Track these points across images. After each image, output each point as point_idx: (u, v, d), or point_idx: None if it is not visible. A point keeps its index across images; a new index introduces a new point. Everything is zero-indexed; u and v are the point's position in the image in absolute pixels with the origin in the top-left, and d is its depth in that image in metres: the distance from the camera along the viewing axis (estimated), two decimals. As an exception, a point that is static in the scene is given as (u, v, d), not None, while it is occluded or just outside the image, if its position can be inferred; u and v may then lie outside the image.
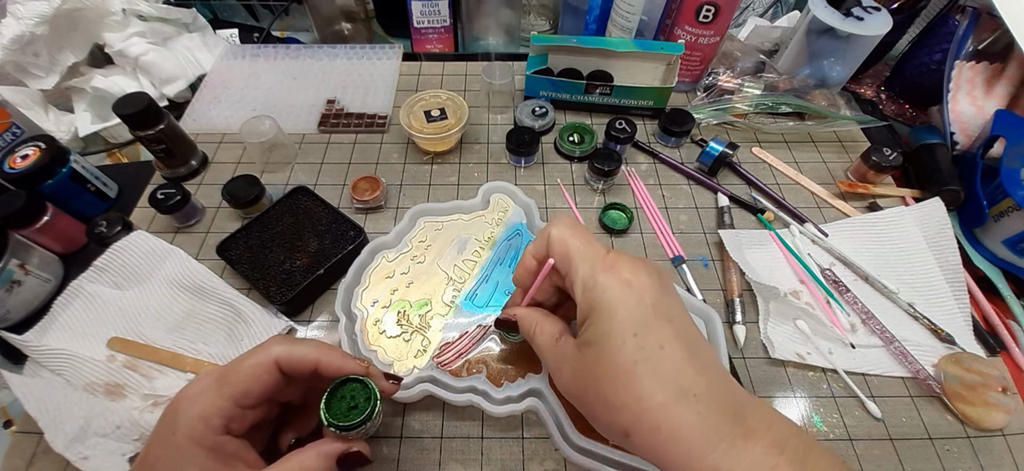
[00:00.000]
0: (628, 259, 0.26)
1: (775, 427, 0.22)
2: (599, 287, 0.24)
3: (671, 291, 0.26)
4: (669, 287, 0.26)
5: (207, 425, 0.24)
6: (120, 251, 0.42)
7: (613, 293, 0.24)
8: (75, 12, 0.54)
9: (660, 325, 0.23)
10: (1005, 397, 0.38)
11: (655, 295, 0.24)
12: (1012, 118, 0.50)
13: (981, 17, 0.54)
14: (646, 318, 0.23)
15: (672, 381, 0.22)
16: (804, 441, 0.22)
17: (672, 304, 0.25)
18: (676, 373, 0.22)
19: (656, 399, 0.22)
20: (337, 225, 0.46)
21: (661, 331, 0.23)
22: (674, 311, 0.24)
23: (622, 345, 0.23)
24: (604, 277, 0.25)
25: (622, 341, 0.23)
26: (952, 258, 0.45)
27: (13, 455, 0.36)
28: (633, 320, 0.23)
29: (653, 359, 0.22)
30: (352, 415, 0.28)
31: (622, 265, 0.25)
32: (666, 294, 0.25)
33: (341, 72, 0.65)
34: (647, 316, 0.23)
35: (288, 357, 0.26)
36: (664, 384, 0.22)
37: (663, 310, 0.24)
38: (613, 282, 0.24)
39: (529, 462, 0.36)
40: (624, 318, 0.23)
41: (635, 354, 0.23)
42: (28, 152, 0.44)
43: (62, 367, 0.38)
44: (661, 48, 0.56)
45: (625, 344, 0.23)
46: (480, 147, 0.57)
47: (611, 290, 0.24)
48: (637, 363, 0.23)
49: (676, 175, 0.55)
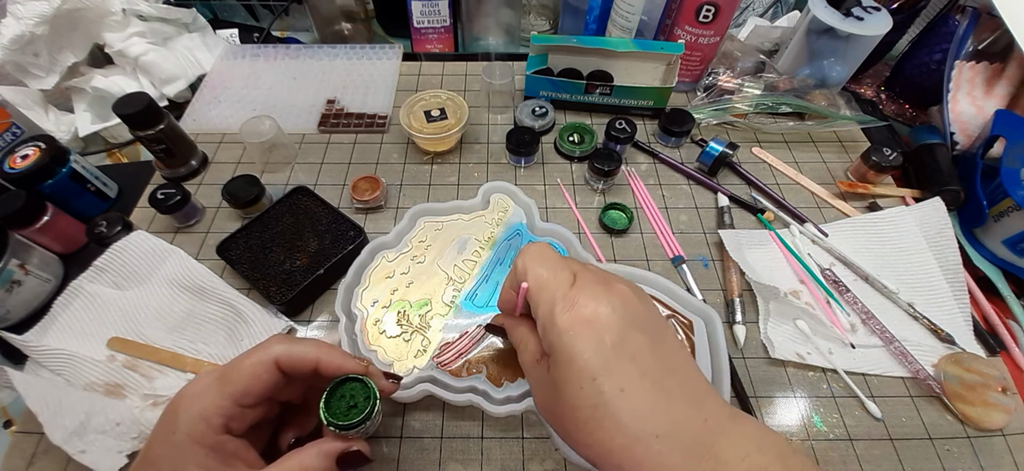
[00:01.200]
0: (592, 289, 0.24)
1: (752, 456, 0.21)
2: (557, 329, 0.23)
3: (639, 320, 0.24)
4: (637, 316, 0.24)
5: (207, 424, 0.24)
6: (120, 251, 0.42)
7: (570, 336, 0.23)
8: (75, 12, 0.54)
9: (621, 366, 0.22)
10: (1005, 397, 0.38)
11: (617, 333, 0.23)
12: (1012, 118, 0.50)
13: (981, 17, 0.54)
14: (606, 361, 0.22)
15: (632, 424, 0.22)
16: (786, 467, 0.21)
17: (636, 340, 0.23)
18: (636, 415, 0.22)
19: (617, 441, 0.22)
20: (337, 225, 0.46)
21: (621, 373, 0.22)
22: (639, 346, 0.23)
23: (580, 390, 0.23)
24: (563, 318, 0.23)
25: (580, 386, 0.23)
26: (952, 258, 0.45)
27: (13, 455, 0.36)
28: (591, 364, 0.22)
29: (612, 403, 0.22)
30: (352, 414, 0.28)
31: (583, 301, 0.24)
32: (632, 327, 0.23)
33: (341, 72, 0.65)
34: (607, 359, 0.22)
35: (288, 356, 0.27)
36: (623, 428, 0.22)
37: (626, 348, 0.23)
38: (572, 324, 0.23)
39: (529, 462, 0.36)
40: (582, 364, 0.23)
41: (594, 398, 0.22)
42: (28, 152, 0.44)
43: (62, 367, 0.38)
44: (661, 48, 0.56)
45: (583, 389, 0.22)
46: (480, 147, 0.57)
47: (569, 334, 0.23)
48: (596, 407, 0.22)
49: (676, 175, 0.55)
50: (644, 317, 0.25)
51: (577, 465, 0.34)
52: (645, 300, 0.26)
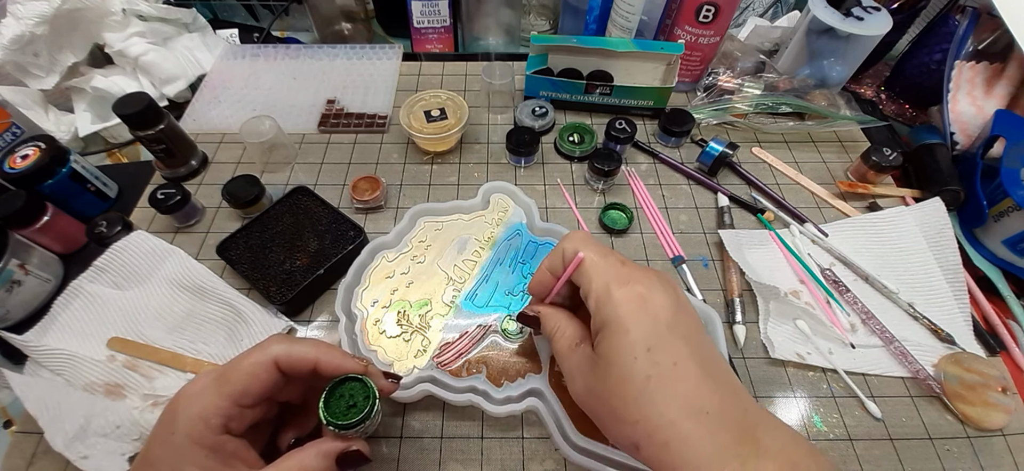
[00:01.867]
0: (644, 273, 0.26)
1: (788, 448, 0.22)
2: (613, 301, 0.24)
3: (687, 308, 0.26)
4: (685, 304, 0.26)
5: (206, 424, 0.24)
6: (120, 251, 0.42)
7: (627, 308, 0.24)
8: (75, 12, 0.54)
9: (674, 342, 0.23)
10: (1005, 397, 0.38)
11: (670, 312, 0.24)
12: (1012, 118, 0.50)
13: (981, 17, 0.54)
14: (660, 334, 0.23)
15: (683, 398, 0.22)
16: (818, 463, 0.22)
17: (688, 322, 0.25)
18: (688, 391, 0.22)
19: (667, 416, 0.22)
20: (337, 225, 0.46)
21: (675, 348, 0.23)
22: (690, 329, 0.24)
23: (634, 361, 0.23)
24: (619, 291, 0.24)
25: (634, 357, 0.23)
26: (952, 258, 0.45)
27: (13, 455, 0.36)
28: (647, 336, 0.23)
29: (666, 376, 0.23)
30: (351, 414, 0.28)
31: (637, 279, 0.25)
32: (682, 311, 0.25)
33: (341, 72, 0.65)
34: (661, 332, 0.23)
35: (287, 356, 0.27)
36: (675, 401, 0.22)
37: (679, 328, 0.24)
38: (628, 297, 0.24)
39: (529, 462, 0.36)
40: (637, 334, 0.23)
41: (648, 370, 0.23)
42: (28, 152, 0.44)
43: (62, 367, 0.38)
44: (661, 48, 0.56)
45: (637, 360, 0.23)
46: (480, 147, 0.57)
47: (625, 305, 0.24)
48: (650, 379, 0.23)
49: (676, 175, 0.55)
50: (688, 306, 0.26)
51: (577, 465, 0.34)
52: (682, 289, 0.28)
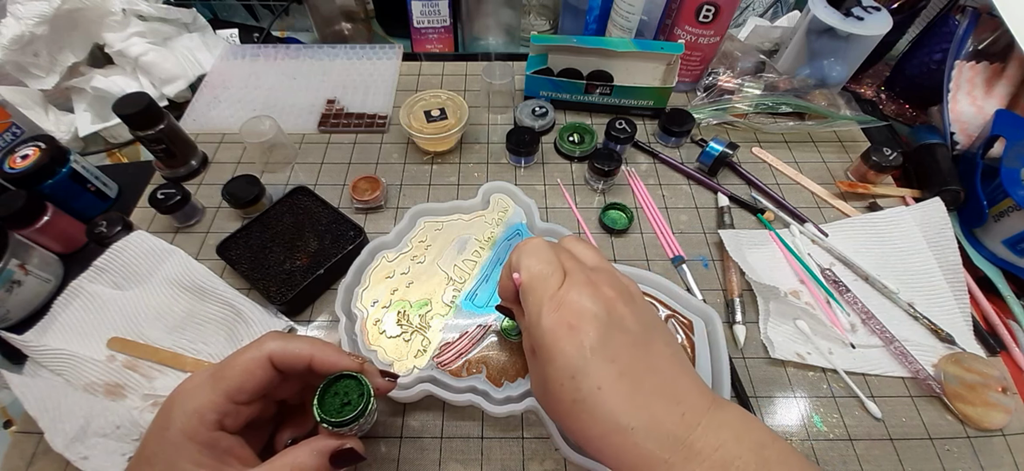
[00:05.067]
0: (577, 292, 0.25)
1: (724, 448, 0.22)
2: (541, 329, 0.25)
3: (623, 322, 0.25)
4: (621, 319, 0.25)
5: (201, 421, 0.25)
6: (120, 251, 0.42)
7: (553, 336, 0.24)
8: (75, 12, 0.54)
9: (599, 367, 0.23)
10: (1005, 397, 0.38)
11: (597, 338, 0.24)
12: (1012, 118, 0.50)
13: (981, 17, 0.54)
14: (584, 361, 0.24)
15: (607, 419, 0.23)
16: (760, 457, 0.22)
17: (618, 341, 0.24)
18: (612, 411, 0.23)
19: (595, 431, 0.24)
20: (337, 225, 0.46)
21: (598, 373, 0.23)
22: (620, 347, 0.24)
23: (561, 387, 0.24)
24: (547, 319, 0.25)
25: (560, 384, 0.24)
26: (952, 258, 0.45)
27: (13, 455, 0.36)
28: (570, 364, 0.24)
29: (588, 400, 0.23)
30: (345, 411, 0.27)
31: (569, 303, 0.25)
32: (615, 329, 0.25)
33: (341, 72, 0.65)
34: (585, 360, 0.24)
35: (282, 353, 0.27)
36: (600, 422, 0.23)
37: (607, 350, 0.24)
38: (554, 325, 0.24)
39: (529, 462, 0.36)
40: (562, 362, 0.24)
41: (573, 394, 0.24)
42: (28, 152, 0.44)
43: (62, 367, 0.38)
44: (661, 48, 0.56)
45: (563, 386, 0.24)
46: (480, 147, 0.57)
47: (551, 334, 0.24)
48: (574, 403, 0.24)
49: (676, 175, 0.55)
50: (627, 320, 0.26)
51: (577, 465, 0.34)
52: (632, 301, 0.27)
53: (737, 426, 0.23)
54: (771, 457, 0.22)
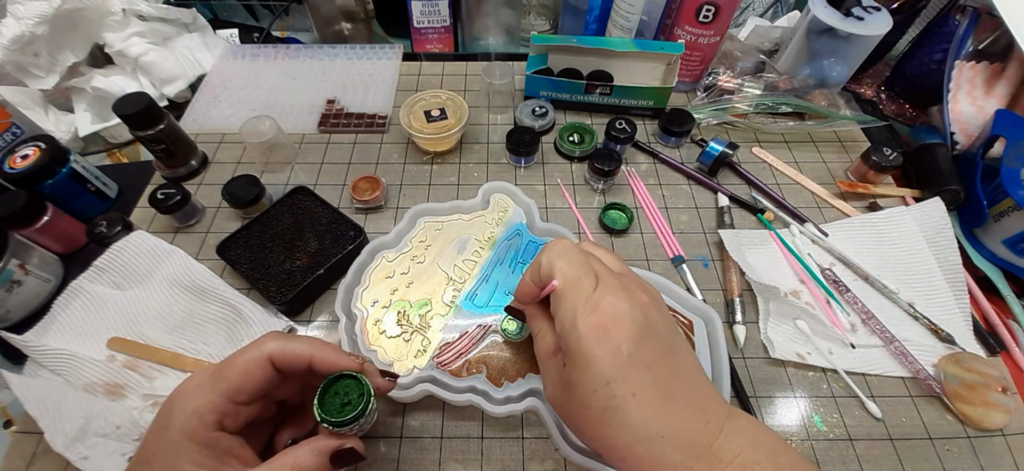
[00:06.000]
0: (613, 296, 0.25)
1: (742, 454, 0.23)
2: (576, 333, 0.24)
3: (655, 329, 0.25)
4: (654, 325, 0.25)
5: (201, 420, 0.25)
6: (120, 251, 0.42)
7: (589, 341, 0.24)
8: (75, 12, 0.54)
9: (635, 374, 0.23)
10: (1005, 397, 0.38)
11: (633, 344, 0.24)
12: (1012, 118, 0.50)
13: (981, 17, 0.54)
14: (620, 368, 0.23)
15: (638, 426, 0.23)
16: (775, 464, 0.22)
17: (652, 349, 0.24)
18: (643, 418, 0.23)
19: (622, 439, 0.23)
20: (337, 225, 0.46)
21: (634, 380, 0.23)
22: (654, 357, 0.24)
23: (594, 393, 0.24)
24: (583, 322, 0.24)
25: (594, 389, 0.24)
26: (952, 258, 0.45)
27: (13, 455, 0.36)
28: (606, 369, 0.23)
29: (622, 408, 0.23)
30: (345, 411, 0.27)
31: (605, 307, 0.24)
32: (648, 336, 0.24)
33: (341, 72, 0.65)
34: (621, 367, 0.23)
35: (282, 353, 0.27)
36: (630, 429, 0.23)
37: (642, 358, 0.24)
38: (591, 329, 0.24)
39: (529, 462, 0.36)
40: (598, 367, 0.24)
41: (606, 402, 0.23)
42: (28, 152, 0.44)
43: (62, 367, 0.38)
44: (661, 48, 0.56)
45: (597, 392, 0.24)
46: (480, 147, 0.57)
47: (587, 339, 0.24)
48: (606, 410, 0.24)
49: (676, 175, 0.55)
50: (660, 326, 0.26)
51: (577, 465, 0.34)
52: (662, 308, 0.27)
53: (751, 433, 0.24)
54: (785, 464, 0.23)
